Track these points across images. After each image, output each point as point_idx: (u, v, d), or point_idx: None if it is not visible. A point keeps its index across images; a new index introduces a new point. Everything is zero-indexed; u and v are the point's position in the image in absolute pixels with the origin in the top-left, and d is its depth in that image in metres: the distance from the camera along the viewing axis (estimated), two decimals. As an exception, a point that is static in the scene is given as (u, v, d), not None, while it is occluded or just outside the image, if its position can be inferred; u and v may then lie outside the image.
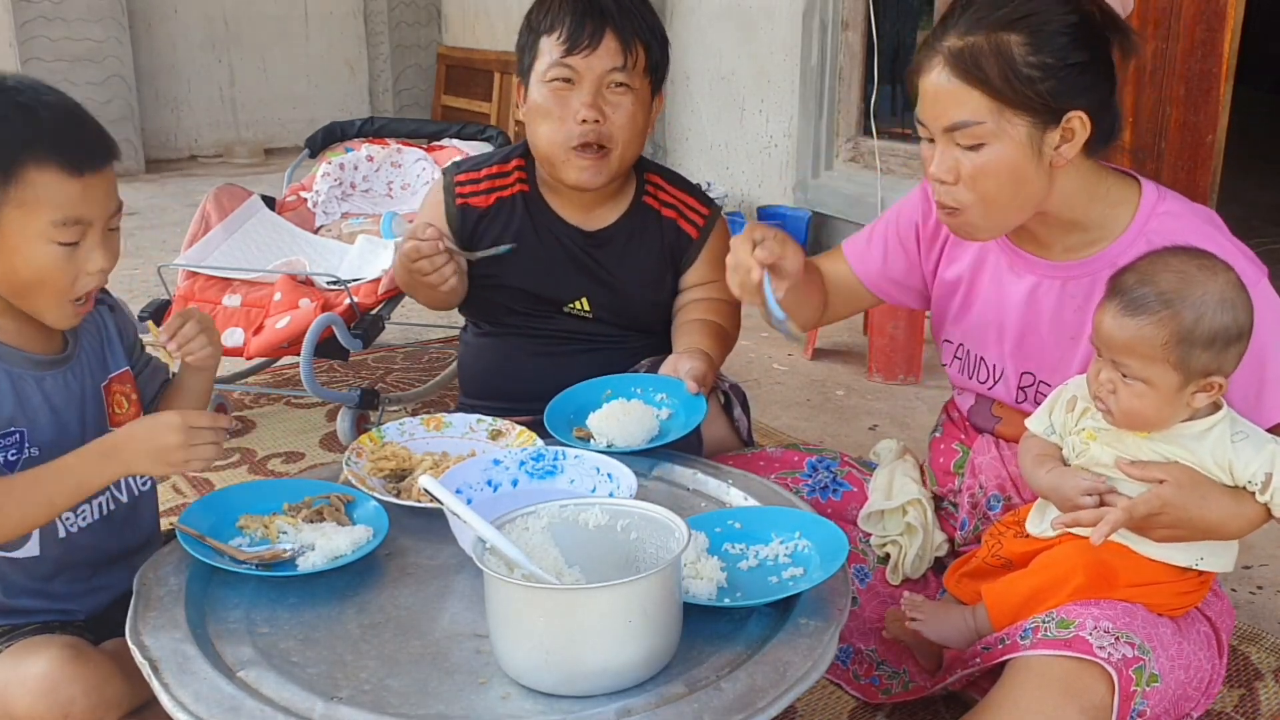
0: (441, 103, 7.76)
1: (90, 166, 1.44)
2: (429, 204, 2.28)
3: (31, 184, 1.40)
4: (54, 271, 1.45)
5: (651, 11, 2.11)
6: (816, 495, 1.94)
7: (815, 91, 4.76)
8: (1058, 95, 1.51)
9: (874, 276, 1.89)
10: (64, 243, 1.44)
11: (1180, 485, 1.47)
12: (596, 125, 2.03)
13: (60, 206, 1.42)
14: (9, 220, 1.42)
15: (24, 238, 1.43)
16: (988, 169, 1.54)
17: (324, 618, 1.39)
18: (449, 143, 3.67)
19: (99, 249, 1.47)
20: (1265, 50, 6.52)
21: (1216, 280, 1.44)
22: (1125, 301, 1.46)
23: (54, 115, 1.44)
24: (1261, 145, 6.32)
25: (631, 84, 2.05)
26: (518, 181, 2.21)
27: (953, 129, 1.54)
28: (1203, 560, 1.54)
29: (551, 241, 2.18)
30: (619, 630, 1.21)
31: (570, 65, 2.03)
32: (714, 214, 2.24)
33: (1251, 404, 1.57)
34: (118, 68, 6.73)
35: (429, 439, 1.83)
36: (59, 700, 1.40)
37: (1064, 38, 1.51)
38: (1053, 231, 1.67)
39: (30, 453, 1.51)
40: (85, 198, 1.44)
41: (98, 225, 1.46)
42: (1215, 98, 3.40)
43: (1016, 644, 1.49)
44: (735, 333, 2.21)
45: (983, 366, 1.81)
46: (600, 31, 2.01)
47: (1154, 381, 1.45)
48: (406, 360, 3.67)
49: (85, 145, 1.45)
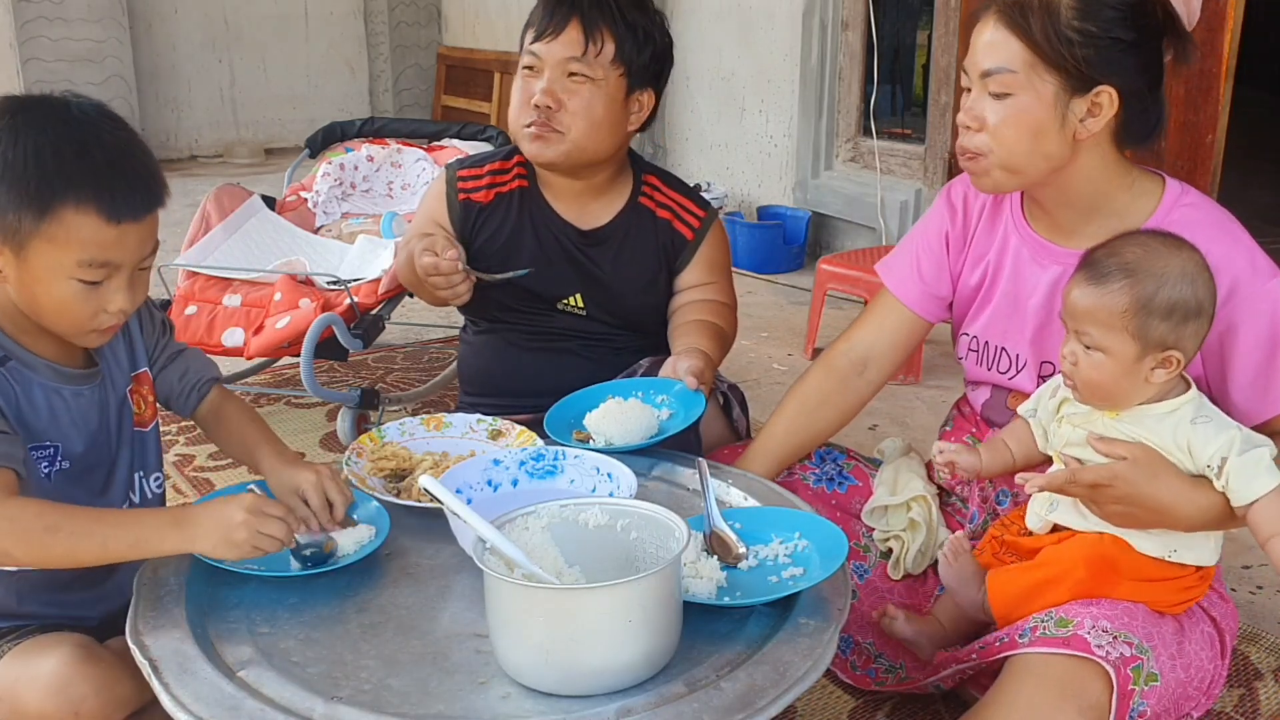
0: (441, 103, 7.76)
1: (130, 215, 1.41)
2: (430, 197, 2.29)
3: (66, 223, 1.38)
4: (73, 307, 1.43)
5: (641, 7, 2.11)
6: (823, 485, 1.95)
7: (815, 92, 4.76)
8: (1092, 64, 1.56)
9: (916, 297, 1.91)
10: (88, 281, 1.42)
11: (1136, 462, 1.48)
12: (549, 110, 2.05)
13: (90, 249, 1.40)
14: (36, 250, 1.40)
15: (48, 270, 1.41)
16: (1010, 119, 1.60)
17: (324, 618, 1.39)
18: (449, 143, 3.67)
19: (124, 290, 1.45)
20: (1265, 50, 6.52)
21: (1180, 255, 1.49)
22: (1091, 272, 1.51)
23: (107, 156, 1.41)
24: (1261, 145, 6.32)
25: (591, 74, 2.05)
26: (517, 177, 2.22)
27: (987, 74, 1.61)
28: (1175, 552, 1.54)
29: (548, 238, 2.18)
30: (619, 630, 1.21)
31: (534, 53, 2.07)
32: (710, 216, 2.25)
33: (1260, 393, 1.59)
34: (118, 68, 6.74)
35: (429, 439, 1.84)
36: (70, 698, 1.40)
37: (1114, 12, 1.56)
38: (1074, 215, 1.69)
39: (62, 465, 1.51)
40: (118, 244, 1.41)
41: (126, 268, 1.44)
42: (1215, 98, 3.40)
43: (1014, 642, 1.49)
44: (732, 334, 2.21)
45: (1004, 356, 1.83)
46: (565, 20, 2.04)
47: (1112, 350, 1.48)
48: (406, 360, 3.67)
49: (130, 193, 1.42)
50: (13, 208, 1.38)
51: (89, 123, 1.42)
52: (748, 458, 1.92)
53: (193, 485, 2.71)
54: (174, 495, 2.64)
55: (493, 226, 2.20)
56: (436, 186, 2.27)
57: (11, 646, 1.48)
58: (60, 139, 1.39)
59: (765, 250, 4.70)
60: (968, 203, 1.86)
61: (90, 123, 1.42)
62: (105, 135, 1.42)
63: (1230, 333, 1.59)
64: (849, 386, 1.93)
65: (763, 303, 4.34)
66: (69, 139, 1.40)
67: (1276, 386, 1.59)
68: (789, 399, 1.97)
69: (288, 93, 7.75)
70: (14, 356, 1.48)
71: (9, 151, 1.38)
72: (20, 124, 1.40)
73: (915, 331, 1.94)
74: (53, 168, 1.38)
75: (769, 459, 1.91)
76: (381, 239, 3.17)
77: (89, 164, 1.39)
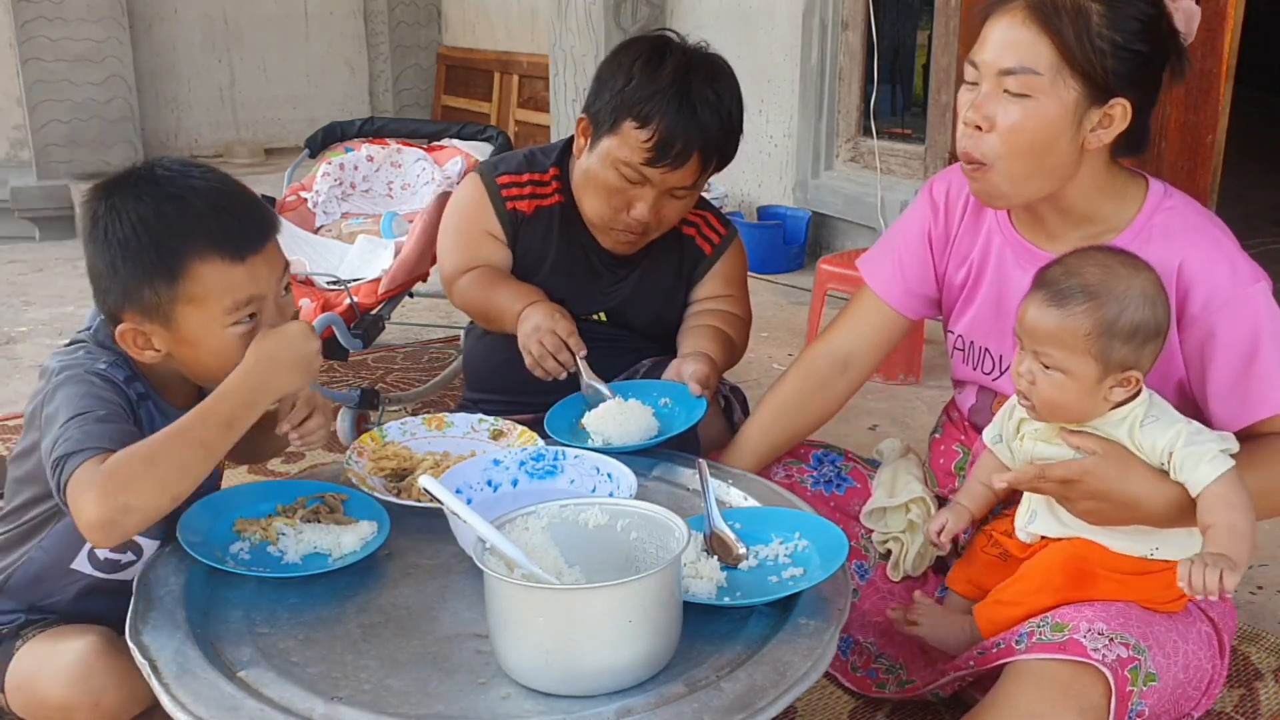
0: (441, 103, 7.76)
1: (251, 249, 1.44)
2: (470, 205, 2.20)
3: (198, 278, 1.41)
4: (237, 355, 1.44)
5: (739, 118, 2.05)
6: (821, 488, 1.94)
7: (815, 92, 4.75)
8: (1114, 76, 1.54)
9: (898, 295, 1.90)
10: (240, 323, 1.44)
11: (1105, 456, 1.48)
12: (646, 224, 2.04)
13: (229, 294, 1.43)
14: (182, 315, 1.43)
15: (202, 329, 1.44)
16: (1026, 123, 1.55)
17: (324, 618, 1.39)
18: (449, 143, 3.66)
19: (276, 318, 1.48)
20: (1265, 50, 6.52)
21: (1139, 277, 1.47)
22: (1050, 293, 1.49)
23: (206, 201, 1.44)
24: (1261, 145, 6.31)
25: (694, 190, 2.05)
26: (556, 192, 2.18)
27: (1008, 72, 1.55)
28: (1157, 550, 1.54)
29: (579, 257, 2.17)
30: (619, 630, 1.21)
31: (644, 173, 1.99)
32: (730, 234, 2.26)
33: (1239, 398, 1.58)
34: (118, 68, 6.72)
35: (431, 439, 1.84)
36: (91, 689, 1.41)
37: (1136, 24, 1.54)
38: (1065, 222, 1.68)
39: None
40: (251, 279, 1.44)
41: (269, 298, 1.47)
42: (1215, 98, 3.40)
43: (1011, 648, 1.49)
44: (742, 346, 2.21)
45: (987, 357, 1.82)
46: (688, 154, 1.96)
47: (1073, 372, 1.47)
48: (406, 360, 3.67)
49: (243, 228, 1.45)
50: (146, 283, 1.41)
51: (178, 176, 1.45)
52: (724, 456, 1.92)
53: (193, 485, 2.70)
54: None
55: (530, 239, 2.17)
56: (473, 193, 2.19)
57: (34, 634, 1.48)
58: (160, 201, 1.42)
59: (765, 250, 4.69)
60: (949, 200, 1.83)
61: (180, 175, 1.45)
62: (197, 183, 1.45)
63: (1210, 338, 1.58)
64: (829, 387, 1.92)
65: (763, 303, 4.34)
66: (167, 198, 1.42)
67: (1255, 392, 1.57)
68: (766, 401, 1.95)
69: (287, 93, 7.74)
70: (151, 398, 1.52)
71: (120, 231, 1.41)
72: (117, 203, 1.43)
73: (897, 329, 1.92)
74: (163, 230, 1.40)
75: (744, 460, 1.90)
76: (381, 239, 3.17)
77: (195, 215, 1.41)
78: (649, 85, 1.94)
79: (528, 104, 6.90)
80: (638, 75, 1.96)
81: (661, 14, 5.33)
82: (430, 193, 3.38)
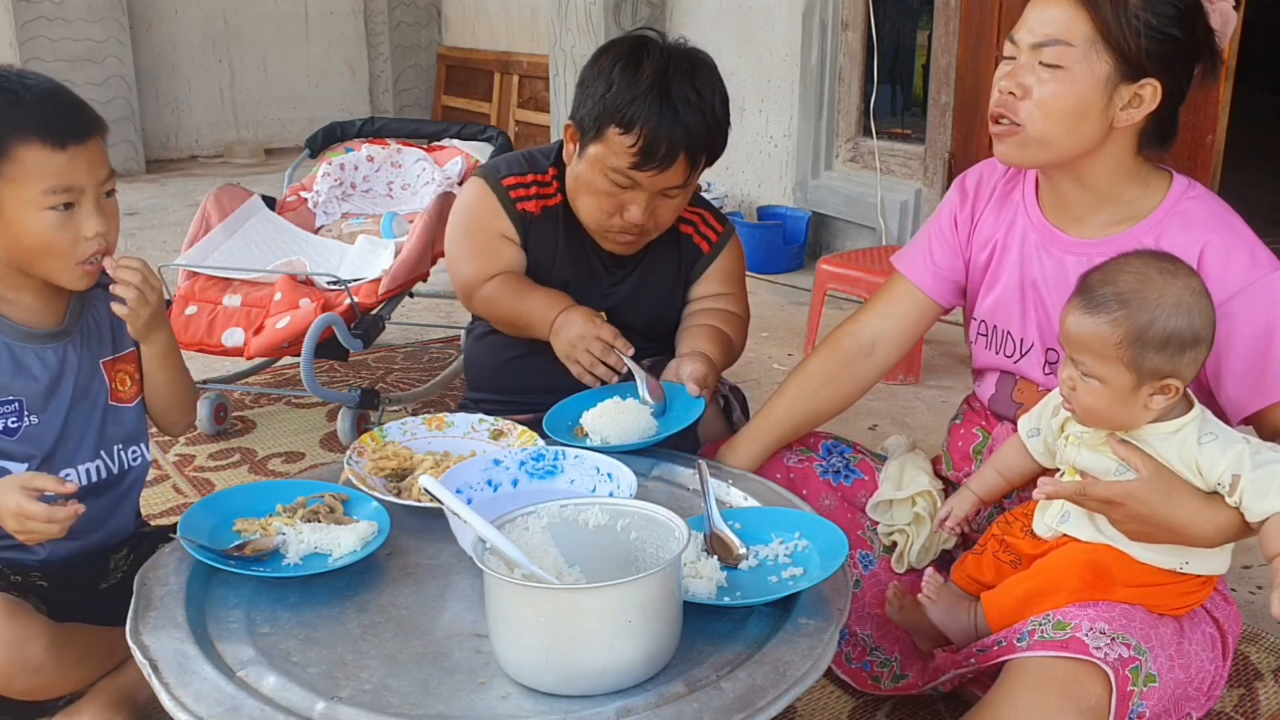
0: (441, 103, 7.76)
1: (74, 138, 1.55)
2: (479, 209, 2.17)
3: (19, 159, 1.53)
4: (52, 236, 1.56)
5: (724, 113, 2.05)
6: (829, 477, 1.95)
7: (815, 92, 4.76)
8: (1147, 55, 1.58)
9: (929, 279, 1.92)
10: (56, 208, 1.55)
11: (1149, 481, 1.47)
12: (642, 225, 2.04)
13: (48, 177, 1.54)
14: (5, 196, 1.54)
15: (19, 209, 1.55)
16: (1059, 90, 1.60)
17: (324, 618, 1.39)
18: (449, 143, 3.67)
19: (94, 215, 1.58)
20: (1265, 50, 6.52)
21: (1175, 284, 1.46)
22: (1086, 300, 1.49)
23: (35, 96, 1.56)
24: (1261, 145, 6.32)
25: (686, 188, 2.05)
26: (558, 192, 2.18)
27: (1043, 44, 1.61)
28: (1187, 564, 1.53)
29: (580, 257, 2.17)
30: (619, 630, 1.21)
31: (633, 177, 1.99)
32: (728, 232, 2.26)
33: (1254, 382, 1.60)
34: (118, 68, 6.73)
35: (431, 439, 1.84)
36: None
37: (1172, 9, 1.59)
38: (1089, 203, 1.71)
39: (30, 420, 1.62)
40: (71, 167, 1.55)
41: (89, 192, 1.58)
42: (1215, 98, 3.40)
43: (1013, 645, 1.49)
44: (740, 345, 2.21)
45: (1009, 340, 1.84)
46: (674, 156, 1.96)
47: (1107, 380, 1.47)
48: (406, 360, 3.67)
49: (68, 120, 1.56)
50: None
51: (15, 77, 1.58)
52: (743, 434, 1.92)
53: (193, 485, 2.71)
54: (174, 495, 2.65)
55: (539, 239, 2.16)
56: (482, 197, 2.16)
57: None
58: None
59: (765, 250, 4.70)
60: (979, 187, 1.89)
61: (16, 76, 1.58)
62: (29, 80, 1.58)
63: (1229, 324, 1.59)
64: (855, 368, 1.93)
65: (763, 303, 4.34)
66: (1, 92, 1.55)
67: (1270, 378, 1.60)
68: (791, 379, 1.96)
69: (288, 93, 7.75)
70: None
71: None
72: None
73: (926, 315, 1.94)
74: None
75: (767, 435, 1.91)
76: (381, 239, 3.17)
77: (24, 106, 1.54)
78: (629, 90, 1.94)
79: (528, 104, 6.91)
80: (617, 80, 1.96)
81: (661, 14, 5.33)
82: (430, 193, 3.38)
